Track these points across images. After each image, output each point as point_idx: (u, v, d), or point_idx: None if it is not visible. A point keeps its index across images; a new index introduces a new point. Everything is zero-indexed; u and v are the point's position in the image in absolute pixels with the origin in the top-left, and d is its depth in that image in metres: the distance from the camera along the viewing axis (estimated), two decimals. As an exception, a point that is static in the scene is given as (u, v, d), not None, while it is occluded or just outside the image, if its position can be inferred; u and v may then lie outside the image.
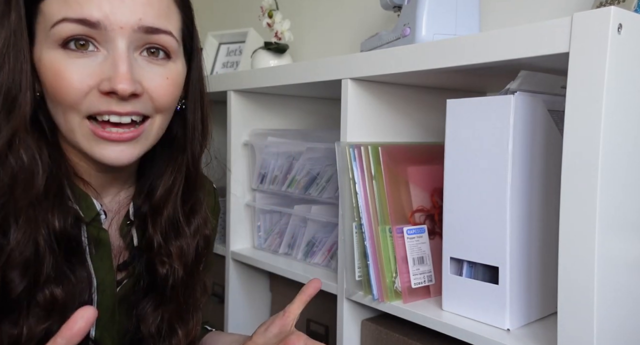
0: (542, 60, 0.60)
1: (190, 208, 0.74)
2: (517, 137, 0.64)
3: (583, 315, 0.55)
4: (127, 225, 0.71)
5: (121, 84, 0.58)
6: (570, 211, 0.55)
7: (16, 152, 0.59)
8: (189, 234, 0.73)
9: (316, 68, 0.87)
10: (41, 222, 0.60)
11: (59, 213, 0.61)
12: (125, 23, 0.59)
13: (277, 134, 1.09)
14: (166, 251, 0.71)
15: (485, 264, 0.68)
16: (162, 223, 0.71)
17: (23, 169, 0.59)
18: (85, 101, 0.59)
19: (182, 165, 0.72)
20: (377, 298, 0.78)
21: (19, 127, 0.59)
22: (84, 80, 0.58)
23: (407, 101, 0.91)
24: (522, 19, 0.96)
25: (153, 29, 0.61)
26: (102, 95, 0.59)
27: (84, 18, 0.58)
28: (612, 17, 0.52)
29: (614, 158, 0.55)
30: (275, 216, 1.12)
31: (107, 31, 0.58)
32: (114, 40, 0.59)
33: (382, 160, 0.78)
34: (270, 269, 1.03)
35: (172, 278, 0.71)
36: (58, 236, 0.61)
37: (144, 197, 0.72)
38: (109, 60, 0.59)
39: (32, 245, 0.59)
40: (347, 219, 0.81)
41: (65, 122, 0.61)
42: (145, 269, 0.71)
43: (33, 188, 0.60)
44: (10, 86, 0.59)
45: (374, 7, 1.18)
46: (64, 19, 0.58)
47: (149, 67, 0.62)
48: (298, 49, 1.40)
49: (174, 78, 0.65)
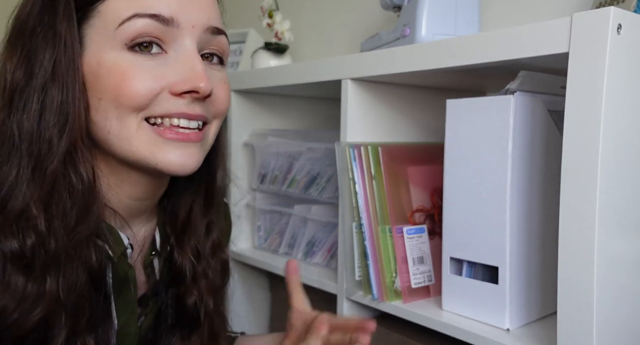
0: (542, 60, 0.60)
1: (206, 226, 0.70)
2: (517, 137, 0.64)
3: (583, 315, 0.55)
4: (150, 257, 0.67)
5: (203, 82, 0.55)
6: (570, 211, 0.55)
7: (77, 170, 0.54)
8: (209, 255, 0.69)
9: (316, 68, 0.87)
10: (81, 261, 0.54)
11: (95, 249, 0.55)
12: (196, 21, 0.57)
13: (277, 134, 1.09)
14: (193, 278, 0.66)
15: (485, 264, 0.68)
16: (189, 246, 0.67)
17: (84, 188, 0.54)
18: (154, 102, 0.56)
19: (201, 180, 0.68)
20: (377, 298, 0.78)
21: (76, 140, 0.54)
22: (156, 81, 0.55)
23: (407, 101, 0.91)
24: (522, 19, 0.96)
25: (218, 30, 0.60)
26: (173, 97, 0.56)
27: (158, 13, 0.55)
28: (611, 17, 0.52)
29: (613, 158, 0.55)
30: (275, 216, 1.12)
31: (179, 29, 0.56)
32: (184, 40, 0.56)
33: (382, 160, 0.78)
34: (270, 269, 1.03)
35: (204, 308, 0.67)
36: (93, 277, 0.55)
37: (168, 221, 0.68)
38: (180, 61, 0.56)
39: (75, 288, 0.53)
40: (347, 219, 0.81)
41: (121, 129, 0.56)
42: (174, 301, 0.67)
43: (92, 214, 0.54)
44: (63, 100, 0.54)
45: (374, 7, 1.18)
46: (135, 15, 0.54)
47: (211, 71, 0.60)
48: (298, 49, 1.40)
49: (228, 83, 0.63)
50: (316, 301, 1.00)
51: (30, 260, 0.52)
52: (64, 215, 0.53)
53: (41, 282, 0.52)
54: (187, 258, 0.66)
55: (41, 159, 0.53)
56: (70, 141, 0.54)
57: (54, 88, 0.54)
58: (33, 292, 0.51)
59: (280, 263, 1.02)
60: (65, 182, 0.54)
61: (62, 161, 0.54)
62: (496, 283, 0.67)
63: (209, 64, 0.61)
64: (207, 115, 0.60)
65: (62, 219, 0.53)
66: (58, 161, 0.53)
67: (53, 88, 0.54)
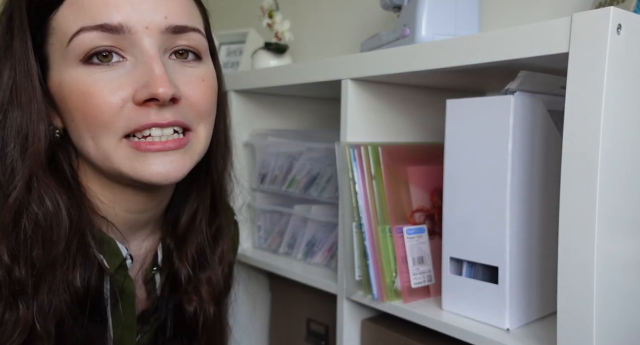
0: (542, 60, 0.60)
1: (214, 232, 0.68)
2: (516, 137, 0.64)
3: (582, 315, 0.55)
4: (152, 272, 0.65)
5: (161, 88, 0.51)
6: (569, 211, 0.55)
7: (37, 197, 0.52)
8: (216, 262, 0.67)
9: (316, 68, 0.87)
10: (62, 284, 0.52)
11: (82, 269, 0.54)
12: (150, 22, 0.52)
13: (277, 134, 1.09)
14: (194, 286, 0.65)
15: (485, 264, 0.68)
16: (189, 254, 0.65)
17: (47, 218, 0.52)
18: (120, 118, 0.52)
19: (207, 186, 0.66)
20: (377, 298, 0.78)
21: (35, 166, 0.52)
22: (116, 93, 0.52)
23: (407, 101, 0.91)
24: (522, 19, 0.96)
25: (181, 28, 0.54)
26: (138, 107, 0.52)
27: (104, 23, 0.51)
28: (611, 17, 0.52)
29: (613, 158, 0.55)
30: (275, 216, 1.12)
31: (131, 34, 0.52)
32: (141, 43, 0.52)
33: (382, 160, 0.78)
34: (270, 269, 1.03)
35: (203, 316, 0.65)
36: (80, 297, 0.54)
37: (170, 232, 0.66)
38: (139, 67, 0.53)
39: (54, 315, 0.52)
40: (347, 219, 0.81)
41: (98, 149, 0.54)
42: (173, 312, 0.66)
43: (57, 241, 0.52)
44: (22, 123, 0.52)
45: (374, 7, 1.18)
46: (82, 29, 0.51)
47: (182, 69, 0.56)
48: (298, 49, 1.40)
49: (209, 80, 0.58)
50: (316, 301, 1.00)
51: (4, 289, 0.51)
52: (28, 244, 0.52)
53: (15, 309, 0.51)
54: (185, 266, 0.64)
55: (3, 187, 0.52)
56: (30, 168, 0.52)
57: (13, 110, 0.52)
58: (10, 319, 0.51)
59: (281, 263, 1.02)
60: (29, 211, 0.52)
61: (24, 188, 0.52)
62: (496, 283, 0.67)
63: (181, 62, 0.56)
64: (185, 120, 0.55)
65: (27, 249, 0.52)
66: (19, 189, 0.51)
67: (12, 110, 0.52)
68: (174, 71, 0.55)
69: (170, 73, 0.53)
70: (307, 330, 1.04)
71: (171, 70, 0.54)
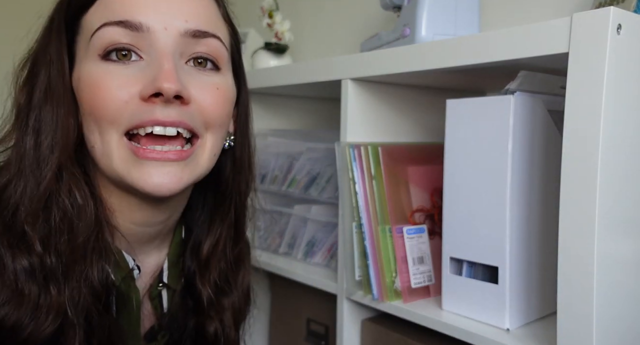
0: (542, 60, 0.60)
1: (236, 257, 0.68)
2: (516, 137, 0.64)
3: (582, 315, 0.55)
4: (157, 288, 0.65)
5: (166, 82, 0.51)
6: (569, 211, 0.55)
7: (66, 188, 0.53)
8: (238, 287, 0.68)
9: (316, 68, 0.87)
10: (83, 279, 0.53)
11: (99, 267, 0.54)
12: (170, 23, 0.53)
13: (277, 134, 1.09)
14: (217, 310, 0.66)
15: (484, 264, 0.68)
16: (211, 279, 0.65)
17: (75, 208, 0.53)
18: (125, 112, 0.52)
19: (230, 213, 0.66)
20: (377, 298, 0.78)
21: (64, 157, 0.53)
22: (124, 87, 0.52)
23: (407, 101, 0.91)
24: (522, 19, 0.96)
25: (201, 33, 0.55)
26: (144, 103, 0.52)
27: (126, 20, 0.52)
28: (611, 17, 0.52)
29: (613, 158, 0.55)
30: (275, 216, 1.12)
31: (150, 33, 0.53)
32: (157, 43, 0.53)
33: (382, 160, 0.78)
34: (270, 269, 1.03)
35: (224, 339, 0.65)
36: (98, 294, 0.54)
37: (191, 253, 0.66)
38: (152, 64, 0.53)
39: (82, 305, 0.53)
40: (347, 219, 0.81)
41: (103, 144, 0.54)
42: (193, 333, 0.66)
43: (82, 233, 0.53)
44: (53, 118, 0.54)
45: (374, 7, 1.18)
46: (104, 24, 0.53)
47: (198, 75, 0.55)
48: (298, 49, 1.40)
49: (225, 90, 0.58)
50: (316, 301, 1.00)
51: (39, 274, 0.52)
52: (57, 233, 0.53)
53: (48, 294, 0.52)
54: (207, 290, 0.65)
55: (36, 178, 0.53)
56: (59, 159, 0.53)
57: (46, 106, 0.54)
58: (45, 303, 0.51)
59: (281, 263, 1.02)
60: (58, 201, 0.53)
61: (53, 179, 0.53)
62: (496, 283, 0.67)
63: (198, 70, 0.56)
64: (192, 124, 0.55)
65: (56, 238, 0.53)
66: (49, 179, 0.53)
67: (46, 106, 0.54)
68: (189, 76, 0.55)
69: (183, 76, 0.53)
70: (307, 330, 1.04)
71: (185, 74, 0.54)
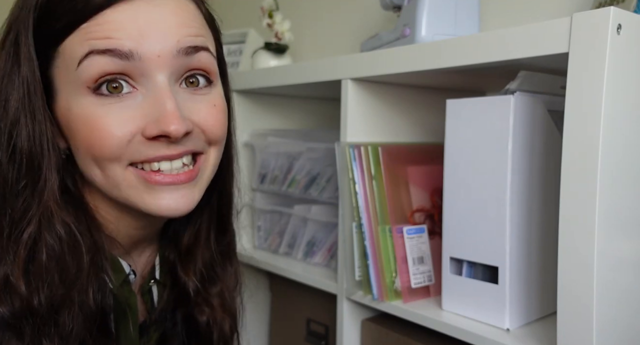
0: (542, 60, 0.60)
1: (223, 249, 0.68)
2: (516, 137, 0.64)
3: (582, 315, 0.55)
4: (149, 284, 0.65)
5: (173, 125, 0.49)
6: (569, 211, 0.55)
7: (50, 228, 0.51)
8: (226, 278, 0.67)
9: (316, 68, 0.87)
10: (78, 306, 0.52)
11: (94, 288, 0.53)
12: (162, 49, 0.50)
13: (277, 134, 1.09)
14: (204, 298, 0.65)
15: (485, 264, 0.68)
16: (196, 268, 0.64)
17: (62, 245, 0.51)
18: (128, 150, 0.51)
19: (211, 201, 0.65)
20: (377, 298, 0.78)
21: (50, 203, 0.51)
22: (125, 127, 0.50)
23: (407, 101, 0.91)
24: (522, 19, 0.96)
25: (192, 48, 0.53)
26: (148, 141, 0.51)
27: (114, 48, 0.49)
28: (611, 17, 0.52)
29: (613, 158, 0.55)
30: (275, 216, 1.12)
31: (142, 62, 0.50)
32: (152, 74, 0.51)
33: (382, 160, 0.78)
34: (271, 269, 1.03)
35: (217, 329, 0.65)
36: (93, 315, 0.53)
37: (170, 247, 0.65)
38: (150, 100, 0.51)
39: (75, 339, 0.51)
40: (347, 219, 0.81)
41: (106, 178, 0.52)
42: (184, 324, 0.65)
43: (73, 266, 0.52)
44: (32, 153, 0.51)
45: (374, 7, 1.18)
46: (91, 52, 0.49)
47: (193, 98, 0.54)
48: (298, 49, 1.39)
49: (220, 104, 0.57)
50: (316, 301, 1.00)
51: (23, 325, 0.50)
52: (44, 273, 0.51)
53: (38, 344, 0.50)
54: (192, 279, 0.64)
55: (16, 223, 0.51)
56: (45, 205, 0.51)
57: (20, 137, 0.51)
58: None
59: (280, 263, 1.02)
60: (42, 243, 0.51)
61: (37, 224, 0.51)
62: (496, 283, 0.67)
63: (192, 91, 0.54)
64: (196, 148, 0.55)
65: (44, 277, 0.51)
66: (34, 225, 0.50)
67: (20, 136, 0.51)
68: (185, 100, 0.53)
69: (181, 104, 0.52)
70: (307, 330, 1.04)
71: (182, 100, 0.53)
